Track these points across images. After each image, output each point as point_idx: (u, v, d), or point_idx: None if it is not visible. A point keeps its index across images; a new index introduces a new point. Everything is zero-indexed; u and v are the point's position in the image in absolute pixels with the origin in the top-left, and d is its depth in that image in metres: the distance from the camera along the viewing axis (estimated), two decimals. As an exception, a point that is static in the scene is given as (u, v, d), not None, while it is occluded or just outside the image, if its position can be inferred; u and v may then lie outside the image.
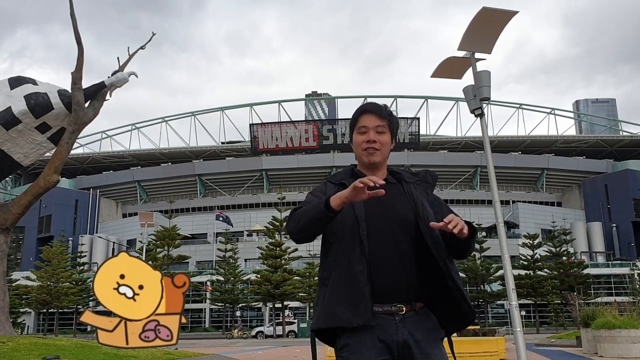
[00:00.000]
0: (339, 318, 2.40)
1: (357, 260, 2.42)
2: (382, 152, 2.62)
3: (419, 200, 2.55)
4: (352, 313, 2.37)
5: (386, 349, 2.39)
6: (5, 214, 12.22)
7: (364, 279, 2.39)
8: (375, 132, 2.62)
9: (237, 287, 56.21)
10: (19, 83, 12.03)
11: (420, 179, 2.67)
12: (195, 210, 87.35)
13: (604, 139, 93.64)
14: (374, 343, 2.39)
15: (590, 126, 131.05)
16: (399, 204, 2.52)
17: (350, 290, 2.40)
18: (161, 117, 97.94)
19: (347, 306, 2.39)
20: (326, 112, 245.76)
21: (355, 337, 2.41)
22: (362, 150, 2.63)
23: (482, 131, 8.36)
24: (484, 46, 8.16)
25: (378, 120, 2.63)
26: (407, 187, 2.61)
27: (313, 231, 2.47)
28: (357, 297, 2.38)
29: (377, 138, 2.62)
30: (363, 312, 2.36)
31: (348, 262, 2.44)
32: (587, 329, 16.74)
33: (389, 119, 2.66)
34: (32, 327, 62.89)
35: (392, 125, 2.67)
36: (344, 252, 2.47)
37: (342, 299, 2.42)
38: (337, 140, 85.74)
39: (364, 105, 2.71)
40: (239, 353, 20.07)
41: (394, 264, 2.43)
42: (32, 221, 78.41)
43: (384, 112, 2.66)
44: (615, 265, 66.60)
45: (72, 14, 12.23)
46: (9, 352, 8.88)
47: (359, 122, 2.67)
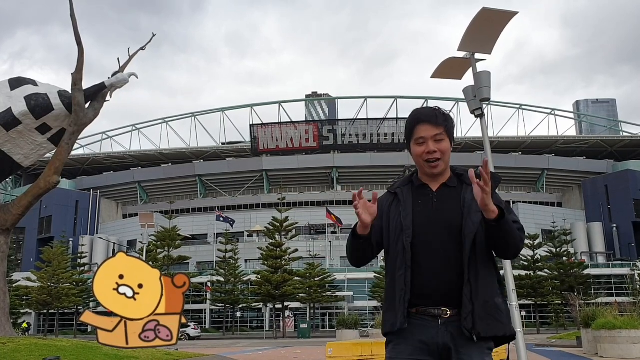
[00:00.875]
0: (387, 323, 2.57)
1: (399, 266, 2.53)
2: (444, 160, 2.62)
3: (470, 204, 2.52)
4: (395, 318, 2.50)
5: (427, 350, 2.47)
6: (5, 215, 12.23)
7: (402, 284, 2.49)
8: (434, 141, 2.60)
9: (237, 288, 56.20)
10: (20, 84, 12.03)
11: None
12: (196, 211, 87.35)
13: (604, 139, 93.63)
14: (414, 343, 2.49)
15: (590, 127, 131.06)
16: (448, 208, 2.54)
17: (394, 296, 2.54)
18: (161, 118, 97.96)
19: (392, 311, 2.54)
20: (326, 113, 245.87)
21: (398, 335, 2.53)
22: (424, 161, 2.62)
23: (482, 132, 8.36)
24: (484, 47, 8.16)
25: (434, 129, 2.61)
26: (464, 191, 2.59)
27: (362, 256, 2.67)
28: (397, 302, 2.51)
29: (436, 147, 2.60)
30: (399, 317, 2.48)
31: (394, 269, 2.56)
32: (587, 329, 16.74)
33: (445, 125, 2.63)
34: (32, 328, 62.92)
35: (449, 130, 2.65)
36: (393, 260, 2.58)
37: (390, 304, 2.57)
38: (337, 141, 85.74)
39: (418, 115, 2.67)
40: (239, 354, 20.07)
41: (437, 267, 2.48)
42: (32, 222, 78.43)
43: (439, 120, 2.62)
44: (615, 265, 66.58)
45: (72, 15, 12.23)
46: (9, 353, 8.88)
47: (415, 134, 2.65)
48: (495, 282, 2.54)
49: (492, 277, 2.52)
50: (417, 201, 2.60)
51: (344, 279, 60.96)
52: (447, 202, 2.55)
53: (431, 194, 2.61)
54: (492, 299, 2.47)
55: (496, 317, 2.46)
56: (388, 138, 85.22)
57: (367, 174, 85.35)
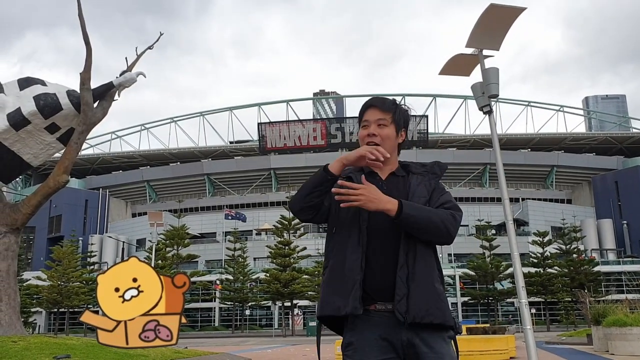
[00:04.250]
0: (330, 307, 2.43)
1: (353, 249, 2.43)
2: (383, 146, 2.56)
3: (414, 189, 2.53)
4: (343, 302, 2.38)
5: (390, 347, 2.38)
6: (15, 214, 12.29)
7: (358, 268, 2.39)
8: (377, 125, 2.61)
9: (246, 286, 56.32)
10: (28, 84, 12.07)
11: (427, 170, 2.65)
12: (204, 210, 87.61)
13: (613, 135, 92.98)
14: (377, 341, 2.38)
15: (599, 123, 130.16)
16: (396, 196, 2.47)
17: (343, 278, 2.41)
18: (170, 118, 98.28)
19: (339, 294, 2.41)
20: (334, 111, 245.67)
21: (357, 336, 2.41)
22: (365, 144, 2.61)
23: (491, 128, 8.31)
24: (492, 43, 8.12)
25: (380, 113, 2.62)
26: (410, 179, 2.60)
27: (314, 200, 2.50)
28: (349, 285, 2.38)
29: (377, 132, 2.60)
30: (352, 301, 2.35)
31: (345, 250, 2.46)
32: (598, 326, 16.65)
33: (393, 112, 2.63)
34: (43, 327, 63.37)
35: (396, 118, 2.63)
36: (343, 241, 2.49)
37: (335, 286, 2.44)
38: (345, 139, 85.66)
39: (368, 100, 2.71)
40: (248, 352, 20.10)
41: (389, 257, 2.41)
42: (42, 221, 78.92)
43: (386, 106, 2.63)
44: (626, 262, 66.15)
45: (80, 15, 12.26)
46: (20, 351, 8.93)
47: (363, 117, 2.68)
48: (435, 268, 2.46)
49: (430, 262, 2.44)
50: None
51: (352, 277, 60.83)
52: (395, 190, 2.52)
53: (381, 182, 2.59)
54: (431, 283, 2.39)
55: (435, 302, 2.36)
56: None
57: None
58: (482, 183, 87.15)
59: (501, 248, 51.16)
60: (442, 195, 2.56)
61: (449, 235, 2.44)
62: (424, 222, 2.37)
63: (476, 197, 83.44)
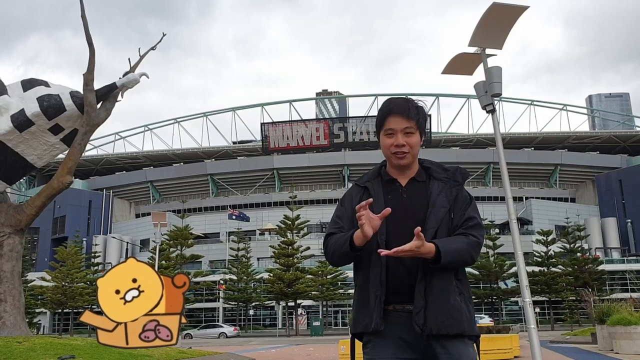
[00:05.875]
0: (359, 324, 2.50)
1: (373, 265, 2.47)
2: (412, 154, 2.57)
3: (435, 199, 2.51)
4: (369, 318, 2.43)
5: (408, 348, 2.42)
6: (19, 215, 12.33)
7: (378, 283, 2.43)
8: (404, 134, 2.56)
9: (249, 286, 56.36)
10: (32, 85, 12.11)
11: (448, 177, 2.61)
12: (208, 210, 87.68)
13: (617, 134, 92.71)
14: (395, 341, 2.44)
15: (603, 121, 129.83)
16: (417, 203, 2.49)
17: (368, 295, 2.47)
18: (173, 118, 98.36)
19: (365, 311, 2.46)
20: (337, 111, 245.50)
21: (377, 334, 2.46)
22: (391, 154, 2.59)
23: (494, 127, 8.31)
24: (494, 42, 8.11)
25: (405, 121, 2.56)
26: (431, 185, 2.57)
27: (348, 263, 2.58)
28: (372, 302, 2.44)
29: (405, 141, 2.55)
30: (375, 317, 2.41)
31: (367, 267, 2.50)
32: (602, 325, 16.60)
33: (417, 119, 2.58)
34: (47, 327, 63.52)
35: (420, 124, 2.60)
36: (366, 257, 2.51)
37: (362, 304, 2.50)
38: (348, 139, 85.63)
39: (390, 105, 2.62)
40: (252, 352, 20.12)
41: (409, 266, 2.43)
42: (46, 222, 79.13)
43: (411, 113, 2.57)
44: (630, 261, 65.95)
45: (83, 16, 12.28)
46: (25, 352, 8.96)
47: (385, 125, 2.60)
48: (452, 279, 2.46)
49: (448, 274, 2.45)
50: (387, 196, 2.55)
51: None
52: (416, 197, 2.51)
53: (400, 189, 2.58)
54: (447, 296, 2.41)
55: (451, 314, 2.38)
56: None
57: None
58: (485, 182, 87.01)
59: (505, 247, 51.09)
60: (467, 209, 2.54)
61: (472, 263, 2.50)
62: (456, 262, 2.43)
63: (479, 196, 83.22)
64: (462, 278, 2.53)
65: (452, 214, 2.50)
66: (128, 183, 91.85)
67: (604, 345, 16.51)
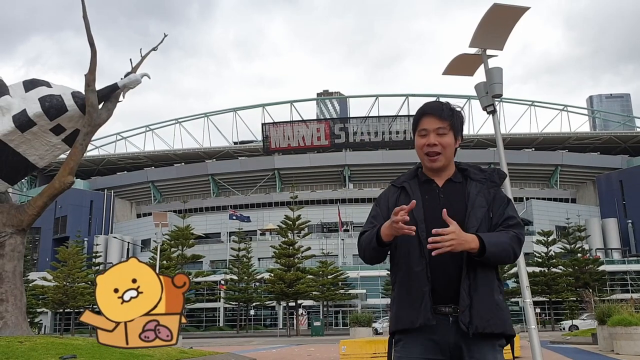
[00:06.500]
0: (403, 320, 2.49)
1: (416, 261, 2.47)
2: (445, 154, 2.58)
3: (474, 199, 2.52)
4: (415, 314, 2.42)
5: (438, 349, 2.43)
6: (21, 215, 12.35)
7: (424, 279, 2.43)
8: (436, 134, 2.57)
9: (250, 286, 56.40)
10: (34, 85, 12.12)
11: (486, 178, 2.62)
12: (209, 210, 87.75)
13: (618, 135, 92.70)
14: (425, 341, 2.44)
15: (604, 122, 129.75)
16: (455, 204, 2.50)
17: (412, 291, 2.47)
18: (174, 119, 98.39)
19: (410, 307, 2.46)
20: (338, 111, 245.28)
21: (409, 334, 2.48)
22: (424, 154, 2.61)
23: (495, 128, 8.32)
24: (495, 43, 8.12)
25: (438, 122, 2.58)
26: (469, 186, 2.58)
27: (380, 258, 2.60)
28: (418, 297, 2.44)
29: (438, 141, 2.57)
30: (424, 312, 2.40)
31: (409, 263, 2.50)
32: (603, 326, 16.62)
33: (451, 120, 2.60)
34: (48, 327, 63.58)
35: (454, 125, 2.61)
36: (406, 254, 2.52)
37: (405, 300, 2.50)
38: (349, 139, 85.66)
39: (424, 107, 2.66)
40: (253, 352, 20.14)
41: (448, 264, 2.44)
42: (48, 222, 79.25)
43: (444, 113, 2.59)
44: (631, 261, 65.96)
45: (85, 17, 12.30)
46: (26, 352, 8.98)
47: (419, 125, 2.63)
48: (495, 278, 2.50)
49: (491, 274, 2.48)
50: (424, 196, 2.56)
51: (356, 277, 60.91)
52: (453, 198, 2.52)
53: (437, 190, 2.59)
54: (491, 295, 2.44)
55: (495, 313, 2.41)
56: (400, 135, 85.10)
57: (378, 172, 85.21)
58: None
59: (506, 247, 50.91)
60: (506, 209, 2.56)
61: (515, 259, 2.51)
62: (500, 256, 2.42)
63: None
64: (500, 278, 2.57)
65: (491, 214, 2.52)
66: (129, 183, 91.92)
67: (604, 346, 16.52)
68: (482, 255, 2.36)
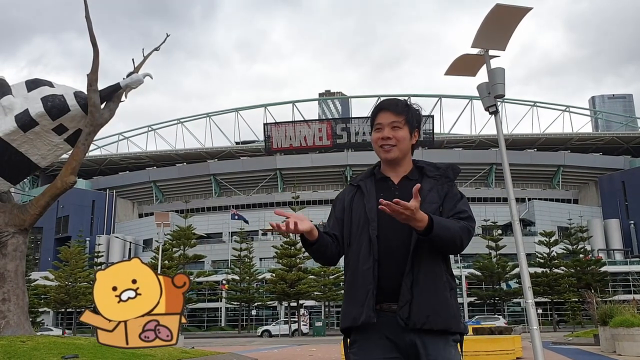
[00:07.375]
0: (348, 317, 2.50)
1: (365, 259, 2.47)
2: (399, 148, 2.61)
3: (425, 195, 2.50)
4: (358, 312, 2.43)
5: (394, 347, 2.42)
6: (23, 215, 12.36)
7: (370, 277, 2.43)
8: (390, 128, 2.61)
9: (252, 286, 56.41)
10: (36, 85, 12.13)
11: (440, 174, 2.63)
12: (211, 210, 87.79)
13: (620, 135, 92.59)
14: (381, 340, 2.43)
15: (606, 123, 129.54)
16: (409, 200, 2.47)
17: (358, 289, 2.47)
18: (177, 119, 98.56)
19: (355, 305, 2.46)
20: (340, 111, 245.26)
21: (362, 334, 2.47)
22: (379, 147, 2.64)
23: (497, 128, 8.31)
24: (498, 43, 8.11)
25: (393, 116, 2.62)
26: (423, 183, 2.57)
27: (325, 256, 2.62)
28: (362, 294, 2.43)
29: (392, 134, 2.60)
30: (366, 310, 2.40)
31: (357, 261, 2.50)
32: (605, 327, 16.59)
33: (406, 114, 2.63)
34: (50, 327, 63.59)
35: (410, 120, 2.64)
36: (357, 253, 2.53)
37: (352, 298, 2.50)
38: (351, 139, 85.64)
39: (380, 103, 2.71)
40: (254, 352, 20.15)
41: (399, 262, 2.43)
42: (50, 222, 79.29)
43: (399, 108, 2.64)
44: (633, 262, 65.85)
45: (87, 16, 12.31)
46: (28, 351, 8.99)
47: (375, 120, 2.67)
48: (443, 275, 2.47)
49: (437, 269, 2.46)
50: (379, 194, 2.55)
51: (358, 277, 60.76)
52: (408, 195, 2.46)
53: (393, 187, 2.61)
54: (435, 291, 2.41)
55: (437, 309, 2.38)
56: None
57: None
58: (488, 183, 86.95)
59: (507, 248, 51.01)
60: (458, 204, 2.56)
61: (461, 249, 2.49)
62: (446, 241, 2.40)
63: (482, 197, 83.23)
64: (452, 273, 2.55)
65: (442, 209, 2.53)
66: (131, 183, 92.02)
67: (606, 347, 16.49)
68: (428, 233, 2.34)
